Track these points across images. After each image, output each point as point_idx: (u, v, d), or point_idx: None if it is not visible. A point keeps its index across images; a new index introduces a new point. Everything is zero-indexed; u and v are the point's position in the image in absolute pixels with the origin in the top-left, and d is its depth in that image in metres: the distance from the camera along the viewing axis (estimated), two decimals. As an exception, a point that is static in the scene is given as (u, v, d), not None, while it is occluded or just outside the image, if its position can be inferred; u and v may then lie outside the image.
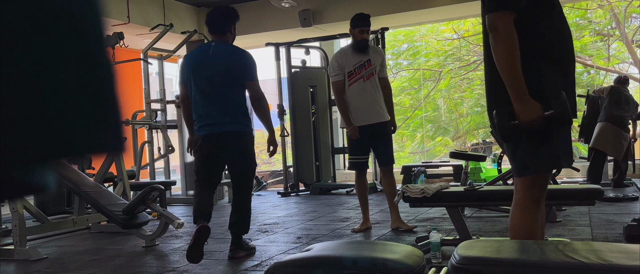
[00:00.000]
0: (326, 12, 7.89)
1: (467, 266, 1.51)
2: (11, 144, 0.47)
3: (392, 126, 4.37)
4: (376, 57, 4.25)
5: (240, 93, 3.47)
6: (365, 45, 4.20)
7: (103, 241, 4.46)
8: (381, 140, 4.26)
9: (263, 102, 3.53)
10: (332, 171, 8.10)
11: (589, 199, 3.00)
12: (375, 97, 4.21)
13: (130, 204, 4.03)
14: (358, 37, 4.18)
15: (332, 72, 4.27)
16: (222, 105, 3.39)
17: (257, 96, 3.48)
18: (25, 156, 0.49)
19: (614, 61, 12.01)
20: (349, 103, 4.20)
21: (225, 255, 3.62)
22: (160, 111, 7.13)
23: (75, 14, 0.52)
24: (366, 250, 1.97)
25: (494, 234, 3.87)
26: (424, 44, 11.55)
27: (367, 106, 4.17)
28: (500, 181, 5.03)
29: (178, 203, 7.06)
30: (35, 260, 3.74)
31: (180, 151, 7.26)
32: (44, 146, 0.49)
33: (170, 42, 7.47)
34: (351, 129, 4.21)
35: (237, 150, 3.47)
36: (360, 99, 4.17)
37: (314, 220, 5.09)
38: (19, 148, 0.48)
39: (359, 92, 4.17)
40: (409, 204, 3.19)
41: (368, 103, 4.17)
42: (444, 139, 11.60)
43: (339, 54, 4.28)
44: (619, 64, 12.29)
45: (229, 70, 3.42)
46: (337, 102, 4.32)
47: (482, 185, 3.56)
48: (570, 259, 1.47)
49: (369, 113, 4.17)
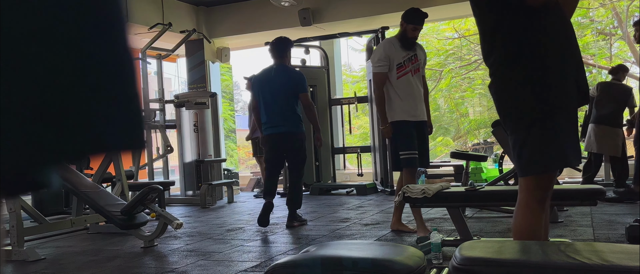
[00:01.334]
0: (326, 11, 7.85)
1: (468, 267, 1.51)
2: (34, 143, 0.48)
3: (429, 127, 4.19)
4: (421, 54, 4.11)
5: (295, 102, 4.59)
6: (414, 43, 4.06)
7: (101, 241, 4.44)
8: (424, 139, 4.09)
9: (312, 108, 4.71)
10: (332, 171, 8.08)
11: (591, 199, 2.97)
12: (420, 93, 4.05)
13: (128, 204, 4.01)
14: (410, 34, 3.99)
15: (377, 62, 3.98)
16: (281, 112, 4.54)
17: (307, 104, 4.66)
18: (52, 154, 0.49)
19: (616, 61, 11.95)
20: (395, 97, 3.97)
21: (224, 256, 3.60)
22: (158, 111, 7.10)
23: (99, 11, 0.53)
24: (366, 251, 1.96)
25: (495, 234, 3.86)
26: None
27: (415, 101, 4.00)
28: (502, 181, 5.02)
29: (177, 204, 7.04)
30: (33, 261, 3.73)
31: (179, 151, 7.24)
32: (72, 144, 0.50)
33: (169, 41, 7.44)
34: (386, 127, 4.00)
35: (291, 145, 4.61)
36: (409, 93, 3.98)
37: (314, 221, 5.07)
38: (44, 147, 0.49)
39: (408, 86, 3.97)
40: (410, 205, 3.18)
41: (416, 98, 4.00)
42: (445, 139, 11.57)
43: (388, 44, 4.03)
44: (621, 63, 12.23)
45: (286, 86, 4.55)
46: (376, 95, 4.07)
47: (483, 185, 3.55)
48: (572, 260, 1.46)
49: (416, 109, 4.01)
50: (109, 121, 0.53)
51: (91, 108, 0.51)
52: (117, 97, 0.53)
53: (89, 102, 0.51)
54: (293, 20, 7.92)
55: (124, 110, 0.54)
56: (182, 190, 7.36)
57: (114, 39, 0.54)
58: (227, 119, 10.85)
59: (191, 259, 3.54)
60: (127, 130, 0.55)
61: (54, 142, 0.49)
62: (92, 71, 0.51)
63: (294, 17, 7.90)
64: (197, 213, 6.07)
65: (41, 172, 0.51)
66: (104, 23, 0.53)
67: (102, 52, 0.52)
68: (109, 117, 0.52)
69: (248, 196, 7.85)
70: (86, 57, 0.51)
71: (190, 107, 7.06)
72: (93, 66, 0.52)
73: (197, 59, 8.42)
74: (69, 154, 0.51)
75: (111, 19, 0.54)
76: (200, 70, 8.41)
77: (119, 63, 0.54)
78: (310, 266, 1.81)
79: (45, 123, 0.48)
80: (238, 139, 12.40)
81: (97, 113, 0.52)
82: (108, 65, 0.53)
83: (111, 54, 0.53)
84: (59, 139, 0.49)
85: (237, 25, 8.39)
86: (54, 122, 0.49)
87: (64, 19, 0.50)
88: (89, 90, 0.51)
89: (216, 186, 7.06)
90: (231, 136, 11.24)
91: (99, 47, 0.52)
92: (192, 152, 7.24)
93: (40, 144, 0.49)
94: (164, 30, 7.02)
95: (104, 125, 0.52)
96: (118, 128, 0.54)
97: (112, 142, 0.53)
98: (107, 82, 0.53)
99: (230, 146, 10.87)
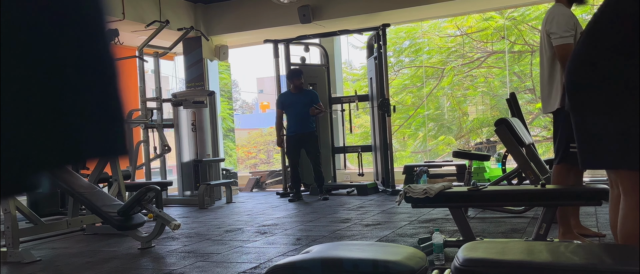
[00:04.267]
0: (326, 8, 7.79)
1: (471, 268, 1.50)
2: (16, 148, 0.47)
3: None
4: None
5: (309, 110, 6.62)
6: None
7: (98, 243, 4.42)
8: None
9: (321, 111, 6.82)
10: (332, 171, 8.02)
11: (596, 199, 2.93)
12: None
13: (125, 205, 4.00)
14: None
15: (562, 32, 3.13)
16: (300, 119, 6.61)
17: (320, 109, 6.71)
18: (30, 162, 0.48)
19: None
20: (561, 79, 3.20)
21: (222, 257, 3.58)
22: (156, 110, 7.09)
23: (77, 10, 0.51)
24: (367, 252, 1.94)
25: (498, 235, 3.82)
26: (426, 40, 11.46)
27: None
28: (505, 180, 4.97)
29: (174, 204, 7.01)
30: (28, 263, 3.71)
31: (177, 151, 7.20)
32: (50, 151, 0.49)
33: (167, 39, 7.42)
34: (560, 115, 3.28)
35: (308, 140, 6.65)
36: None
37: (314, 221, 5.03)
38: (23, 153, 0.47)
39: None
40: (411, 205, 3.15)
41: None
42: (447, 138, 11.50)
43: (567, 12, 3.21)
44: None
45: (306, 104, 6.59)
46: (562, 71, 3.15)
47: (486, 185, 3.51)
48: (576, 260, 1.44)
49: None
50: (88, 127, 0.51)
51: (69, 114, 0.49)
52: (97, 102, 0.52)
53: (67, 108, 0.49)
54: (292, 17, 7.87)
55: (104, 115, 0.52)
56: (180, 190, 7.32)
57: (94, 40, 0.52)
58: (225, 118, 10.80)
59: (189, 261, 3.52)
60: (108, 136, 0.53)
61: (32, 150, 0.48)
62: (71, 75, 0.50)
63: (293, 14, 7.85)
64: (195, 214, 6.05)
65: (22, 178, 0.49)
66: (83, 25, 0.52)
67: (81, 55, 0.51)
68: (88, 123, 0.51)
69: (247, 196, 7.81)
70: (64, 60, 0.49)
71: (188, 106, 7.04)
72: (72, 70, 0.50)
73: (194, 57, 8.36)
74: (49, 163, 0.50)
75: (90, 21, 0.52)
76: (198, 68, 8.36)
77: (99, 66, 0.52)
78: (310, 268, 1.80)
79: (22, 131, 0.47)
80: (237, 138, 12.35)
81: (76, 119, 0.50)
82: (88, 69, 0.51)
83: (91, 56, 0.52)
84: (37, 147, 0.48)
85: (236, 22, 8.33)
86: (32, 130, 0.47)
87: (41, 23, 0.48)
88: (66, 95, 0.49)
89: (214, 186, 7.03)
90: (230, 135, 11.19)
91: (78, 50, 0.51)
92: (190, 151, 7.20)
93: (18, 151, 0.47)
94: (161, 27, 6.97)
95: (83, 131, 0.51)
96: (98, 134, 0.52)
97: (91, 150, 0.52)
98: (86, 87, 0.51)
99: (229, 145, 10.82)
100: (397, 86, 11.76)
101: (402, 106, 11.63)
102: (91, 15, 0.53)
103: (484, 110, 11.41)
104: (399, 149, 11.72)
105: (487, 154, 6.60)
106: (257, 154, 15.27)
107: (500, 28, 10.63)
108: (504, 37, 10.70)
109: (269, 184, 8.85)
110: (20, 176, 0.49)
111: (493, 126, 4.27)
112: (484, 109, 11.43)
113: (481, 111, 11.50)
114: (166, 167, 7.45)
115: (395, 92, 11.60)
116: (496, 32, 10.77)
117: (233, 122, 11.93)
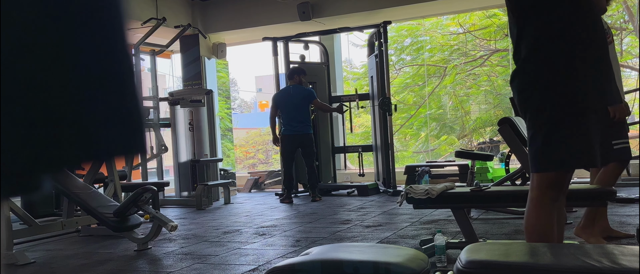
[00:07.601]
0: (326, 5, 7.74)
1: (474, 270, 1.50)
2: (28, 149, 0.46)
3: None
4: None
5: (307, 110, 6.55)
6: None
7: (93, 244, 4.40)
8: None
9: (324, 107, 6.95)
10: (332, 171, 7.97)
11: (601, 200, 2.92)
12: None
13: (121, 206, 3.98)
14: None
15: None
16: (297, 117, 6.44)
17: (320, 106, 6.79)
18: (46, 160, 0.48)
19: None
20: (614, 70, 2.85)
21: (220, 259, 3.57)
22: (152, 109, 7.05)
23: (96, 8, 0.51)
24: (368, 254, 1.94)
25: (501, 237, 3.80)
26: (428, 38, 11.39)
27: None
28: (508, 181, 4.95)
29: (171, 205, 6.97)
30: (23, 265, 3.70)
31: (174, 151, 7.16)
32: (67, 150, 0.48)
33: (163, 36, 7.38)
34: None
35: (305, 142, 6.51)
36: None
37: (314, 222, 4.99)
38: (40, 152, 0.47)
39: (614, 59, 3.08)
40: (413, 206, 3.13)
41: None
42: (449, 137, 11.45)
43: None
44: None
45: (300, 99, 6.45)
46: None
47: (489, 185, 3.50)
48: (580, 262, 1.44)
49: None
50: (107, 125, 0.51)
51: (87, 112, 0.49)
52: (114, 99, 0.52)
53: (85, 106, 0.49)
54: (292, 14, 7.82)
55: (122, 112, 0.53)
56: (176, 191, 7.29)
57: (111, 37, 0.52)
58: (223, 117, 10.73)
59: (186, 263, 3.51)
60: (126, 133, 0.53)
61: (48, 149, 0.47)
62: (88, 72, 0.50)
63: (292, 11, 7.79)
64: (192, 215, 6.01)
65: (34, 178, 0.49)
66: (101, 20, 0.51)
67: (98, 52, 0.51)
68: (106, 120, 0.51)
69: (245, 197, 7.76)
70: (81, 58, 0.49)
71: (185, 105, 7.02)
72: (89, 68, 0.50)
73: (192, 55, 8.30)
74: (65, 161, 0.50)
75: (108, 16, 0.52)
76: (196, 66, 8.31)
77: (116, 63, 0.52)
78: (310, 270, 1.80)
79: (38, 129, 0.47)
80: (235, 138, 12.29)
81: (94, 117, 0.50)
82: (105, 65, 0.51)
83: (108, 52, 0.52)
84: (54, 145, 0.48)
85: (234, 20, 8.28)
86: (48, 128, 0.47)
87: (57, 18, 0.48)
88: (84, 93, 0.49)
89: (212, 187, 6.98)
90: (228, 135, 11.14)
91: (96, 46, 0.51)
92: (187, 151, 7.16)
93: (34, 150, 0.47)
94: (158, 25, 6.93)
95: (101, 129, 0.50)
96: (116, 132, 0.52)
97: (110, 148, 0.52)
98: (103, 84, 0.51)
99: (227, 145, 10.77)
100: (398, 85, 11.71)
101: (403, 105, 11.58)
102: (112, 14, 0.52)
103: (487, 109, 11.35)
104: (400, 149, 11.66)
105: (490, 154, 6.54)
106: (256, 154, 15.23)
107: (503, 25, 10.55)
108: (508, 35, 10.64)
109: (267, 184, 8.79)
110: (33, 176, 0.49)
111: (496, 126, 4.24)
112: (487, 108, 11.37)
113: (484, 110, 11.45)
114: (163, 167, 7.42)
115: (396, 91, 11.55)
116: (499, 29, 10.69)
117: (231, 121, 11.90)
